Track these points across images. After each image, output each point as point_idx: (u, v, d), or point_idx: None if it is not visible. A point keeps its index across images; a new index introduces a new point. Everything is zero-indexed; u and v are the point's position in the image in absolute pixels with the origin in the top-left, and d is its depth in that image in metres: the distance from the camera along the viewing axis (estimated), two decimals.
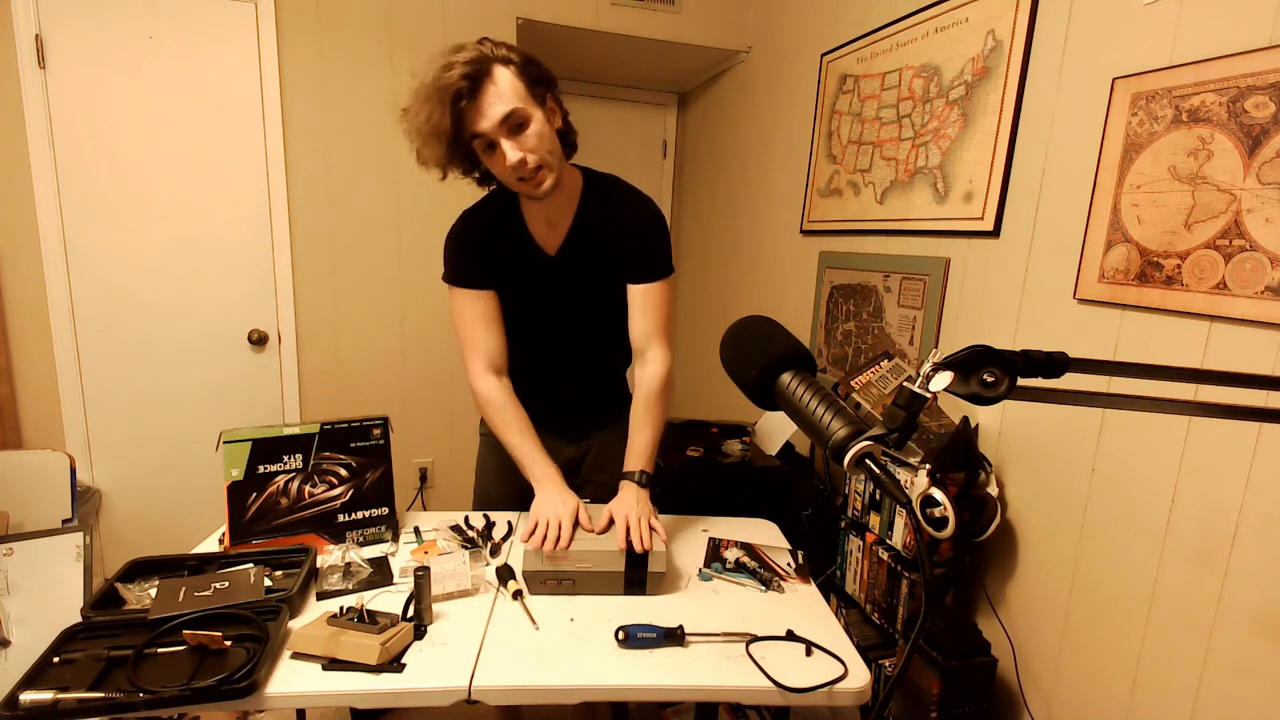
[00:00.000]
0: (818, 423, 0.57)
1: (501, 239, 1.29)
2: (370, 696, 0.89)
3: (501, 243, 1.29)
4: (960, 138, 1.61)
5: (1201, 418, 1.09)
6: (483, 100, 1.07)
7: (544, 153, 1.13)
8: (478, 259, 1.29)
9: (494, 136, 1.09)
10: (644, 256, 1.30)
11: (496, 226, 1.30)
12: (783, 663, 0.96)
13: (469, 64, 1.06)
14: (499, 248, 1.29)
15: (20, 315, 2.22)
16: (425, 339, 2.67)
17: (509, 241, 1.29)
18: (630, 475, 1.27)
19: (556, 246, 1.29)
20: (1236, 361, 1.06)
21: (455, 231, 1.31)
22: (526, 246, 1.29)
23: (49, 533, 1.28)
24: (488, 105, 1.08)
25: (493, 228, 1.30)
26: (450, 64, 1.06)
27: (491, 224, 1.30)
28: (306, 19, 2.36)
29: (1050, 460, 1.39)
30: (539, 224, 1.29)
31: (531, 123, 1.11)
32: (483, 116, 1.08)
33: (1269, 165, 1.01)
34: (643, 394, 1.32)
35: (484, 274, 1.29)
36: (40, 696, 0.80)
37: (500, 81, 1.08)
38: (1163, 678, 1.17)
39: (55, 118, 2.16)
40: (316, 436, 1.26)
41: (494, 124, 1.08)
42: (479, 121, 1.08)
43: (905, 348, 1.81)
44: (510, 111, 1.08)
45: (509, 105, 1.08)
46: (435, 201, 2.58)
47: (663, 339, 1.33)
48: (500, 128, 1.09)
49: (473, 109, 1.08)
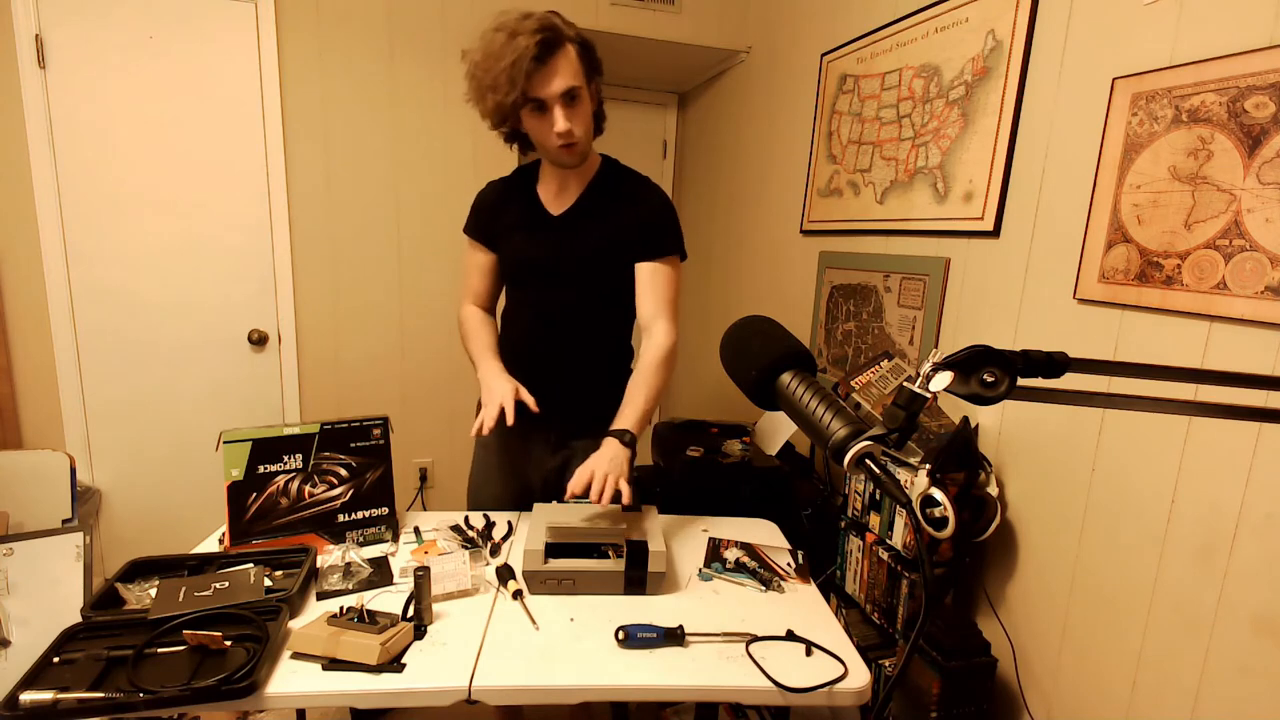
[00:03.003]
0: (818, 423, 0.57)
1: (513, 203, 1.41)
2: (370, 696, 0.89)
3: (512, 206, 1.41)
4: (960, 138, 1.61)
5: (1201, 418, 1.09)
6: (551, 69, 1.19)
7: (585, 129, 1.27)
8: (485, 218, 1.43)
9: (552, 104, 1.21)
10: (650, 232, 1.37)
11: (511, 193, 1.43)
12: (783, 663, 0.96)
13: (544, 31, 1.16)
14: (509, 211, 1.41)
15: (20, 315, 2.22)
16: (425, 339, 2.67)
17: (519, 206, 1.40)
18: (615, 433, 1.27)
19: (562, 210, 1.38)
20: (1236, 361, 1.06)
21: (480, 192, 1.47)
22: (534, 208, 1.39)
23: (49, 533, 1.28)
24: (554, 75, 1.19)
25: (508, 194, 1.43)
26: (526, 28, 1.16)
27: (508, 190, 1.43)
28: (306, 19, 2.36)
29: (1050, 460, 1.38)
30: (550, 193, 1.40)
31: (582, 101, 1.25)
32: (548, 84, 1.19)
33: (1269, 165, 1.01)
34: (643, 363, 1.34)
35: (489, 232, 1.43)
36: (40, 696, 0.81)
37: (569, 56, 1.21)
38: (1163, 678, 1.17)
39: (55, 118, 2.17)
40: (316, 436, 1.26)
41: (556, 93, 1.20)
42: (543, 87, 1.19)
43: (905, 348, 1.81)
44: (571, 86, 1.21)
45: (572, 80, 1.21)
46: (435, 202, 2.59)
47: (668, 316, 1.37)
48: (559, 97, 1.20)
49: (539, 74, 1.18)
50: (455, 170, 2.58)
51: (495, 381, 1.30)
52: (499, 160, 2.48)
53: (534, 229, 1.38)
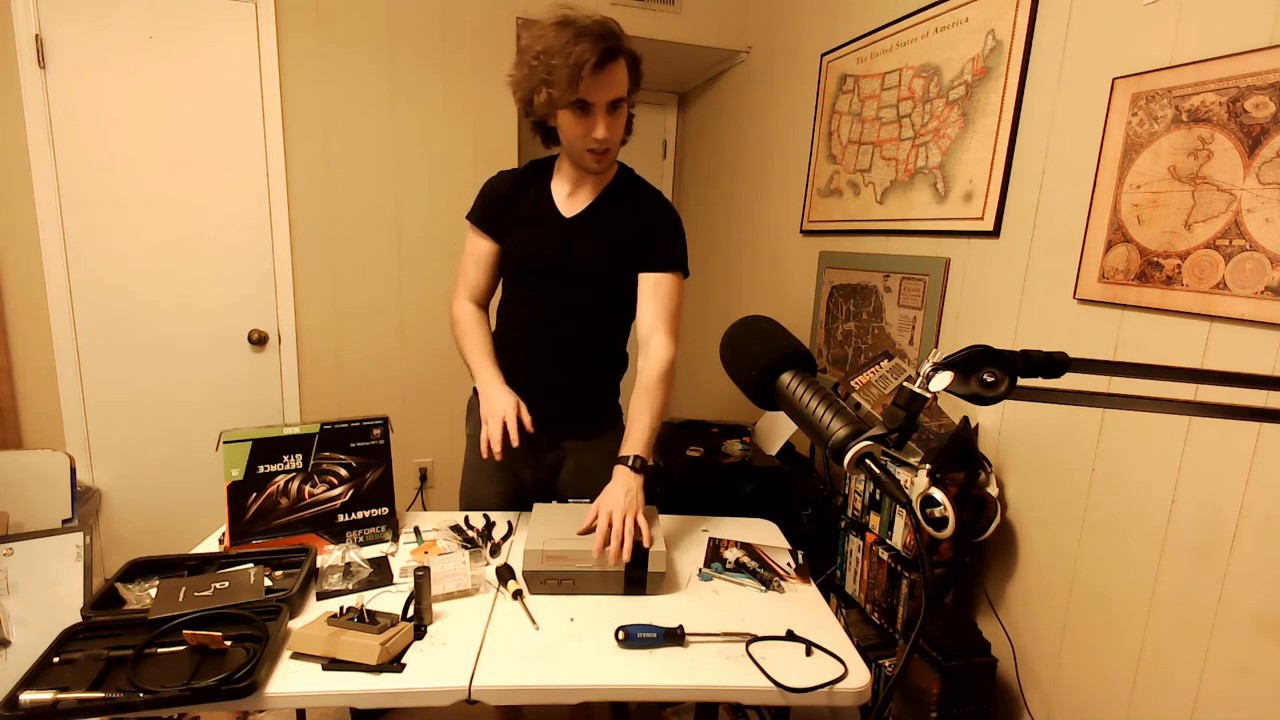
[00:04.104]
0: (818, 423, 0.57)
1: (526, 197, 1.40)
2: (370, 696, 0.89)
3: (525, 200, 1.40)
4: (960, 138, 1.61)
5: (1201, 418, 1.09)
6: (607, 77, 1.21)
7: (617, 139, 1.30)
8: (494, 208, 1.40)
9: (598, 110, 1.23)
10: (657, 244, 1.38)
11: (524, 186, 1.41)
12: (783, 663, 0.96)
13: (606, 38, 1.18)
14: (522, 206, 1.40)
15: (20, 315, 2.22)
16: (425, 339, 2.67)
17: (532, 200, 1.40)
18: (625, 460, 1.26)
19: (574, 213, 1.38)
20: (1236, 361, 1.06)
21: (489, 180, 1.45)
22: (547, 206, 1.39)
23: (49, 533, 1.28)
24: (609, 83, 1.22)
25: (521, 186, 1.41)
26: (591, 32, 1.17)
27: (521, 183, 1.41)
28: (306, 19, 2.36)
29: (1050, 460, 1.38)
30: (564, 193, 1.39)
31: (622, 111, 1.28)
32: (601, 90, 1.21)
33: (1269, 165, 1.01)
34: (643, 381, 1.34)
35: (496, 223, 1.40)
36: (40, 696, 0.81)
37: (623, 67, 1.24)
38: (1163, 678, 1.17)
39: (55, 118, 2.16)
40: (316, 436, 1.26)
41: (605, 101, 1.23)
42: (595, 92, 1.21)
43: (905, 348, 1.81)
44: (619, 96, 1.25)
45: (621, 91, 1.24)
46: (435, 202, 2.59)
47: (668, 330, 1.36)
48: (606, 105, 1.23)
49: (594, 80, 1.19)
50: (455, 170, 2.58)
51: (496, 394, 1.30)
52: (499, 160, 2.48)
53: (544, 227, 1.37)
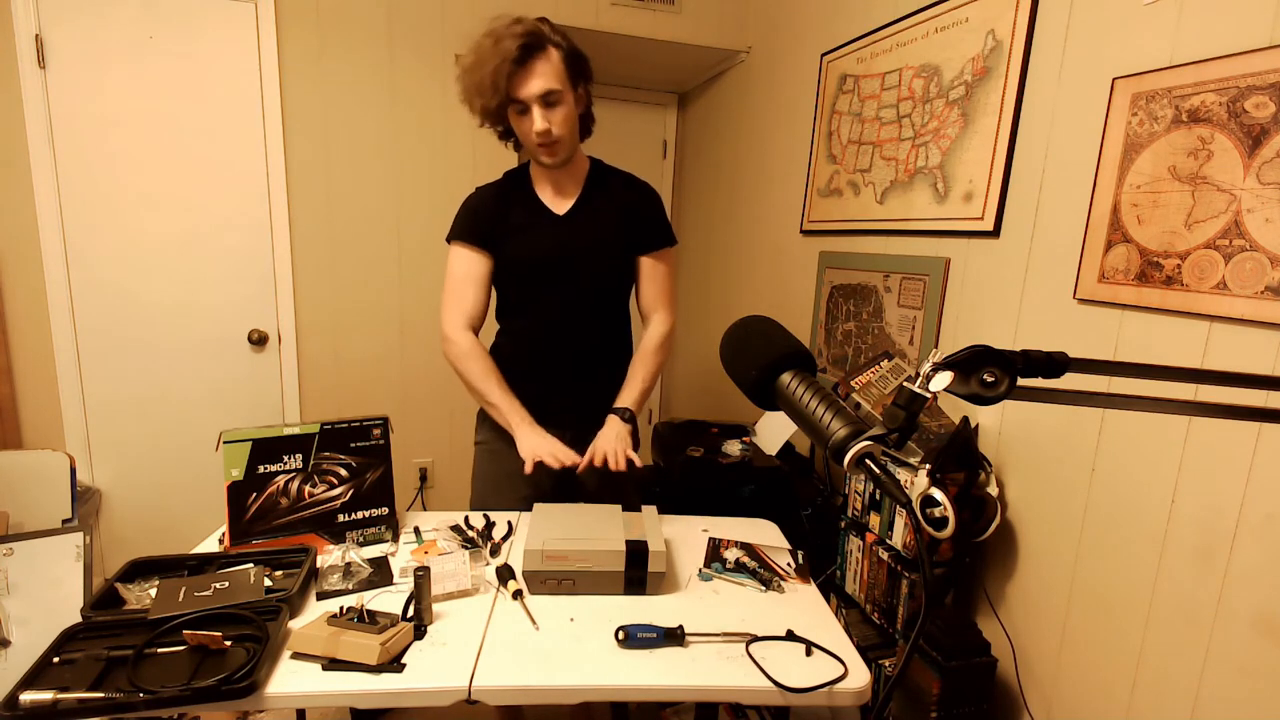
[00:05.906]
0: (818, 423, 0.57)
1: (514, 206, 1.42)
2: (370, 696, 0.89)
3: (515, 209, 1.42)
4: (960, 138, 1.61)
5: (1201, 418, 1.09)
6: (530, 71, 1.24)
7: (565, 130, 1.30)
8: (485, 221, 1.41)
9: (530, 104, 1.26)
10: (649, 226, 1.46)
11: (508, 196, 1.43)
12: (783, 663, 0.96)
13: (526, 35, 1.21)
14: (512, 214, 1.41)
15: (20, 315, 2.22)
16: (425, 339, 2.67)
17: (522, 208, 1.42)
18: (618, 411, 1.40)
19: (566, 209, 1.42)
20: (1236, 361, 1.06)
21: (469, 198, 1.45)
22: (538, 209, 1.42)
23: (49, 533, 1.28)
24: (533, 77, 1.24)
25: (507, 197, 1.43)
26: (511, 32, 1.21)
27: (505, 193, 1.43)
28: (306, 19, 2.36)
29: (1050, 460, 1.38)
30: (549, 194, 1.43)
31: (562, 103, 1.28)
32: (526, 85, 1.24)
33: (1269, 165, 1.01)
34: (644, 346, 1.47)
35: (490, 235, 1.40)
36: (40, 696, 0.80)
37: (549, 60, 1.25)
38: (1163, 678, 1.17)
39: (55, 118, 2.17)
40: (316, 436, 1.26)
41: (532, 94, 1.25)
42: (521, 88, 1.24)
43: (905, 348, 1.81)
44: (549, 89, 1.25)
45: (551, 83, 1.25)
46: (435, 202, 2.59)
47: (667, 305, 1.49)
48: (538, 98, 1.25)
49: (518, 76, 1.23)
50: (455, 170, 2.58)
51: (536, 441, 1.35)
52: (499, 160, 2.47)
53: (543, 227, 1.40)
